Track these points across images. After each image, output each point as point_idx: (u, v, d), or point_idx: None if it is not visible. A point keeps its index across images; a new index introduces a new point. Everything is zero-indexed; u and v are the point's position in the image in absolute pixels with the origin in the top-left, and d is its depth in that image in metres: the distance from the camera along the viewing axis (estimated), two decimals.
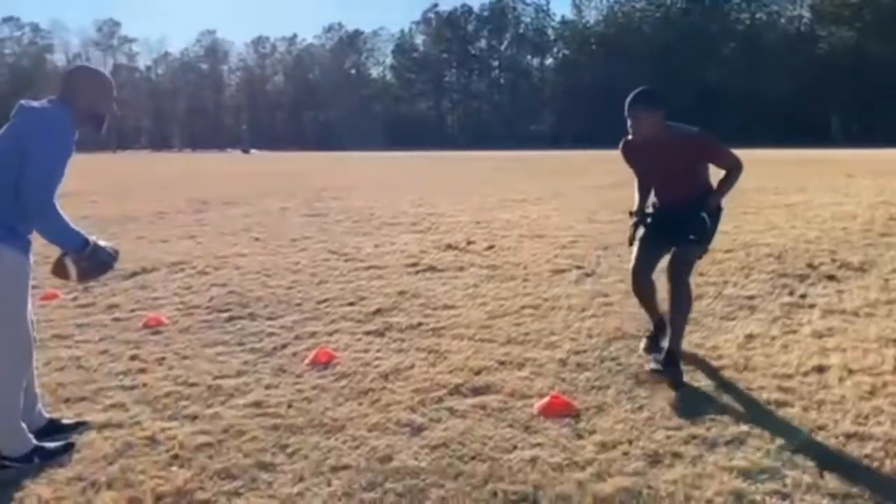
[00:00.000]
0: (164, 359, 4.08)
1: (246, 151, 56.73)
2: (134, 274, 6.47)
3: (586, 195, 12.87)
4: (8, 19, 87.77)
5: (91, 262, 2.80)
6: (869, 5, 73.45)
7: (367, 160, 37.27)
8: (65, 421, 3.16)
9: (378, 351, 4.11)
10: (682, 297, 3.75)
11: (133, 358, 4.10)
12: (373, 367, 3.82)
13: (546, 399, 3.25)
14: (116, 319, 4.94)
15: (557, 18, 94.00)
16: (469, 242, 7.49)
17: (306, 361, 3.91)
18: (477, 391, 3.45)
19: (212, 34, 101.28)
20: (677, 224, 3.79)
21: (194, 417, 3.19)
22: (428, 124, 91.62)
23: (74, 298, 5.59)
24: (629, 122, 3.76)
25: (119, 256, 2.95)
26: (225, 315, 4.97)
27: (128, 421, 3.17)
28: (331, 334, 4.46)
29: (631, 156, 3.98)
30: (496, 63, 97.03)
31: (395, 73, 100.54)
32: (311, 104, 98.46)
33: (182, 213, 10.96)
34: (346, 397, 3.41)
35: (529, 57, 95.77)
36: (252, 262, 6.91)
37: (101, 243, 2.83)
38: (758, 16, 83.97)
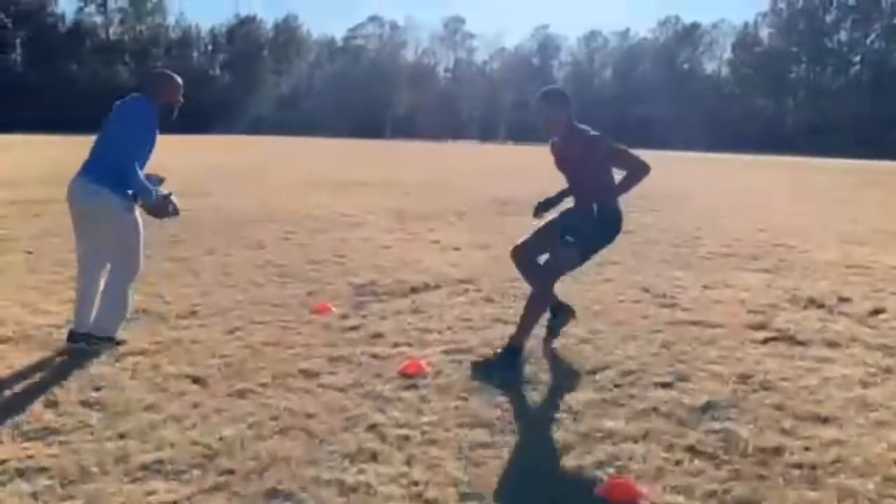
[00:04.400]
0: (406, 439, 3.02)
1: None
2: (413, 290, 5.67)
3: None
4: (373, 18, 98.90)
5: (157, 208, 3.98)
6: None
7: (692, 162, 34.27)
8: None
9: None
10: (533, 296, 4.00)
11: (371, 428, 3.11)
12: None
13: None
14: (375, 357, 4.05)
15: None
16: (841, 299, 5.40)
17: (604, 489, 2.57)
18: None
19: (545, 29, 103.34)
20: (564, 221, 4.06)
21: None
22: (763, 124, 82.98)
23: (344, 317, 4.89)
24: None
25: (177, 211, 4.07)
26: None
27: None
28: (635, 441, 3.02)
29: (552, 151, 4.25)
30: (857, 58, 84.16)
31: (732, 67, 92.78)
32: (636, 100, 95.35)
33: (482, 214, 10.26)
34: None
35: None
36: None
37: (173, 198, 4.01)
38: None
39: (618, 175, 4.08)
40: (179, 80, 4.18)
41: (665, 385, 3.67)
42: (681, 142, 65.54)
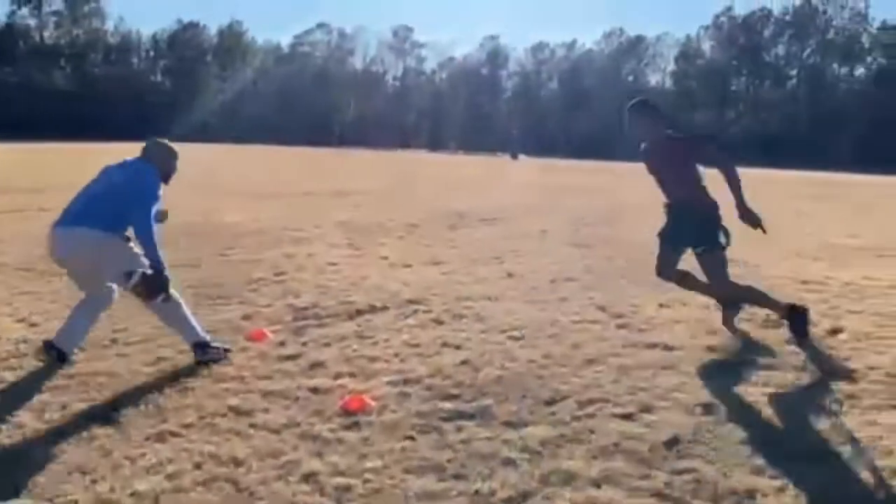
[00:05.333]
0: (347, 489, 2.69)
1: (514, 156, 56.70)
2: (359, 312, 5.33)
3: None
4: (321, 25, 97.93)
5: (158, 283, 3.87)
6: None
7: (639, 174, 34.72)
8: None
9: None
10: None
11: (308, 478, 2.77)
12: None
13: None
14: (314, 390, 3.71)
15: (877, 23, 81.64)
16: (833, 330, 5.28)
17: None
18: None
19: (494, 39, 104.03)
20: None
21: None
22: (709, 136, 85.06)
23: (282, 344, 4.53)
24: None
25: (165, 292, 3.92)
26: (447, 407, 3.50)
27: None
28: (597, 486, 2.75)
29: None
30: (794, 72, 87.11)
31: (676, 80, 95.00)
32: (583, 111, 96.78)
33: (434, 228, 9.97)
34: None
35: (836, 66, 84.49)
36: (498, 310, 5.43)
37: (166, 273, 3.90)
38: None
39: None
40: (177, 151, 4.40)
41: (626, 416, 3.43)
42: (625, 153, 66.55)
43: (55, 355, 3.96)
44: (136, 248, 3.96)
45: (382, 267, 7.20)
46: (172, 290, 3.98)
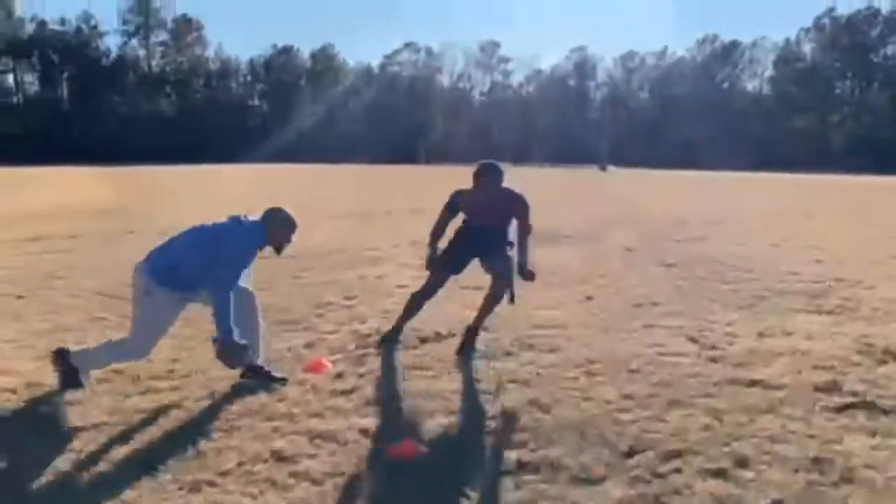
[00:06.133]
0: None
1: (603, 168, 55.45)
2: (423, 341, 5.01)
3: None
4: (408, 44, 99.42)
5: (229, 352, 3.77)
6: None
7: (737, 183, 33.10)
8: None
9: None
10: None
11: None
12: None
13: None
14: (364, 432, 3.40)
15: None
16: None
17: None
18: None
19: (582, 50, 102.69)
20: None
21: None
22: (808, 142, 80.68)
23: (339, 376, 4.26)
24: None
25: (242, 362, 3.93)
26: (509, 457, 3.11)
27: None
28: None
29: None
30: None
31: (774, 85, 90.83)
32: (675, 120, 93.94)
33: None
34: None
35: None
36: (574, 340, 4.98)
37: (241, 343, 3.78)
38: None
39: None
40: (296, 223, 4.21)
41: (719, 473, 2.94)
42: (723, 162, 64.08)
43: (64, 370, 3.93)
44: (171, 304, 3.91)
45: (451, 289, 6.85)
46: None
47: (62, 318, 5.69)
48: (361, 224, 12.97)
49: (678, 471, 2.97)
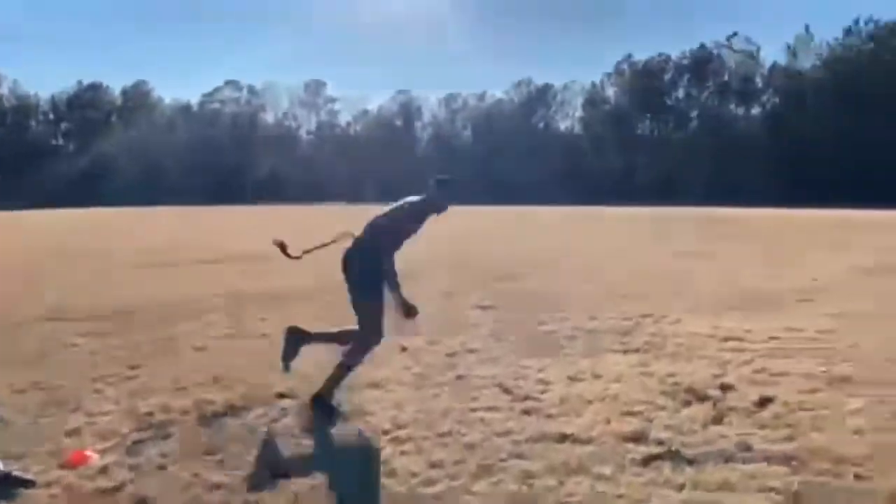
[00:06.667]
0: None
1: None
2: (216, 415, 4.42)
3: (876, 288, 9.37)
4: (230, 82, 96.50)
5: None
6: None
7: (554, 219, 34.82)
8: None
9: None
10: None
11: None
12: None
13: None
14: None
15: (768, 64, 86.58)
16: (724, 387, 4.69)
17: None
18: None
19: (406, 92, 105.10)
20: None
21: None
22: (617, 179, 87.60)
23: (103, 471, 3.58)
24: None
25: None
26: None
27: None
28: None
29: None
30: (695, 114, 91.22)
31: (585, 125, 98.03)
32: (497, 158, 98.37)
33: (339, 294, 9.06)
34: None
35: (733, 107, 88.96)
36: (384, 402, 4.62)
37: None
38: None
39: None
40: None
41: None
42: (541, 198, 67.65)
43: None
44: None
45: (261, 348, 6.28)
46: None
47: None
48: (168, 275, 11.92)
49: None
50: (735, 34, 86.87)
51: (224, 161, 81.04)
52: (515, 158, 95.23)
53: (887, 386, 4.65)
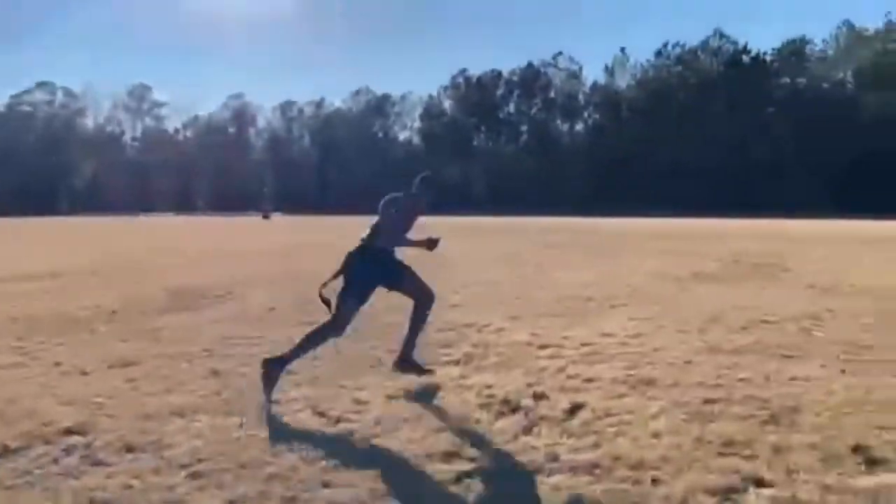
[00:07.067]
0: None
1: (266, 216, 54.63)
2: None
3: (685, 294, 10.06)
4: (42, 84, 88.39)
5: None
6: None
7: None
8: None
9: None
10: None
11: None
12: None
13: None
14: None
15: (589, 83, 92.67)
16: (538, 396, 4.75)
17: None
18: None
19: (240, 98, 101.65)
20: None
21: None
22: (455, 189, 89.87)
23: None
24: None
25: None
26: None
27: None
28: None
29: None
30: (525, 128, 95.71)
31: (423, 136, 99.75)
32: (337, 167, 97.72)
33: (137, 315, 8.34)
34: None
35: (559, 122, 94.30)
36: (193, 428, 4.23)
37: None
38: (799, 80, 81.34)
39: None
40: None
41: None
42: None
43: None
44: None
45: (51, 378, 5.61)
46: None
47: None
48: None
49: None
50: (560, 53, 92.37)
51: (35, 169, 74.08)
52: (354, 167, 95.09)
53: (685, 388, 4.92)
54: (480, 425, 4.21)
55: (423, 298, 5.14)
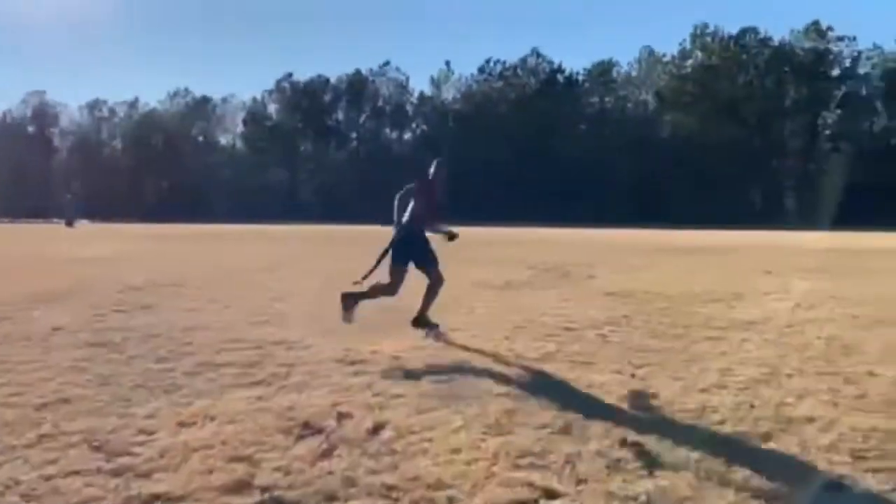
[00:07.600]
0: None
1: (70, 224, 49.89)
2: None
3: (501, 301, 10.33)
4: None
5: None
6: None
7: (210, 237, 33.27)
8: None
9: None
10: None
11: None
12: None
13: None
14: None
15: (416, 94, 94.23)
16: (342, 415, 4.59)
17: None
18: None
19: (40, 94, 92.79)
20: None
21: None
22: (281, 195, 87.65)
23: None
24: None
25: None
26: None
27: None
28: None
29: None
30: (354, 135, 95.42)
31: (246, 141, 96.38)
32: (153, 172, 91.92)
33: None
34: None
35: (388, 130, 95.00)
36: None
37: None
38: (606, 99, 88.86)
39: None
40: None
41: None
42: (201, 213, 64.63)
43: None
44: None
45: None
46: None
47: None
48: None
49: None
50: (388, 63, 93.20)
51: None
52: (172, 172, 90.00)
53: (490, 398, 5.00)
54: (277, 451, 4.00)
55: (436, 281, 7.17)
